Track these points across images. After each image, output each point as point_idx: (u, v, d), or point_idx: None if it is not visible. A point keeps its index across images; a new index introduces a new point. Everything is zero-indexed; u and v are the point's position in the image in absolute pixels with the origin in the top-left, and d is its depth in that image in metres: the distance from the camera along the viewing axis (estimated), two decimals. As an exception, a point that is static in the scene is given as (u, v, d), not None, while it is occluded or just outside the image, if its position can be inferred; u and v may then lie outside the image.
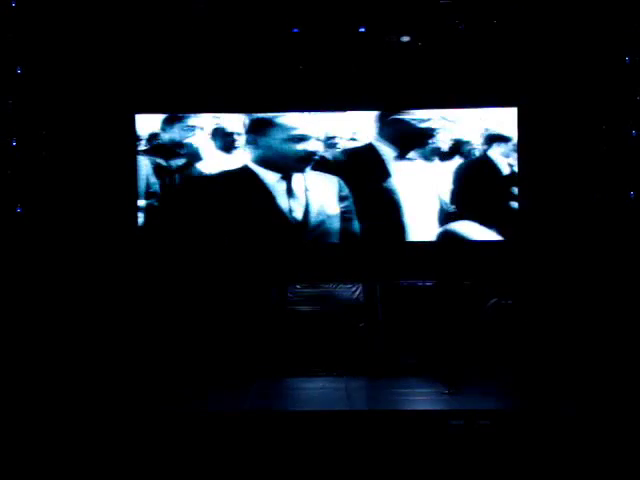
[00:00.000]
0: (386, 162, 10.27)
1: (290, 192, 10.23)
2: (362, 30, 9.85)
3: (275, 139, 10.25)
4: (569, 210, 10.01)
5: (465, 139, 10.20)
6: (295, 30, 9.86)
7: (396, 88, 10.14)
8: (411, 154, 10.24)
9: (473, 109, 10.20)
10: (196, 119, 10.31)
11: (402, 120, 10.26)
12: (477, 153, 10.19)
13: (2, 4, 9.27)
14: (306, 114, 10.24)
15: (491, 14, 9.72)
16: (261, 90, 10.21)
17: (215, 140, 10.32)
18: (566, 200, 10.04)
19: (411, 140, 10.27)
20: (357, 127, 10.31)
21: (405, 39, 9.88)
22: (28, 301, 9.37)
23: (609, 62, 9.70)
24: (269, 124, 10.27)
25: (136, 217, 10.22)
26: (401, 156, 10.25)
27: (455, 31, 9.76)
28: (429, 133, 10.22)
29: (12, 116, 9.51)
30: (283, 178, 10.23)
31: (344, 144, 10.27)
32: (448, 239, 10.23)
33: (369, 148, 10.28)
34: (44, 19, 9.55)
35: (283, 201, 10.24)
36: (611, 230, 9.69)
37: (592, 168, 9.90)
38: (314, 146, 10.21)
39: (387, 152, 10.26)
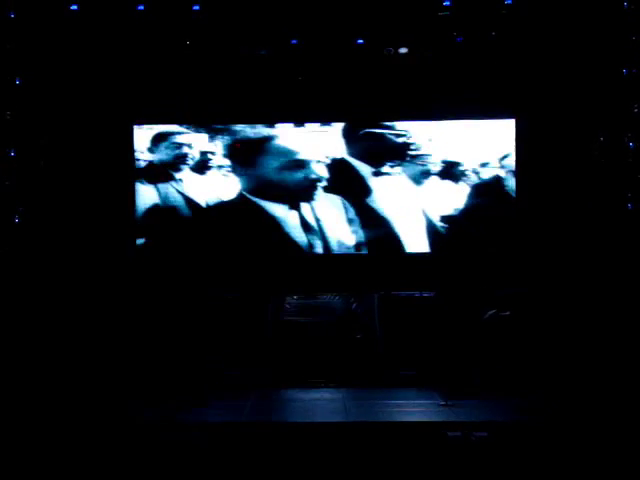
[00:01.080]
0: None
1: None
2: (360, 42, 9.88)
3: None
4: (568, 221, 10.02)
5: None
6: (294, 42, 9.89)
7: (394, 100, 10.17)
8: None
9: (471, 121, 10.23)
10: (182, 137, 10.28)
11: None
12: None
13: (1, 15, 9.31)
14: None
15: (489, 26, 9.75)
16: (260, 101, 10.23)
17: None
18: (565, 211, 10.05)
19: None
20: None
21: (403, 51, 9.91)
22: (22, 308, 9.40)
23: (606, 74, 9.72)
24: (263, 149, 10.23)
25: (134, 225, 10.27)
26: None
27: (453, 43, 9.80)
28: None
29: (11, 126, 9.54)
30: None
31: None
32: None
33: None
34: (43, 30, 9.57)
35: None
36: (610, 242, 9.70)
37: (590, 180, 9.93)
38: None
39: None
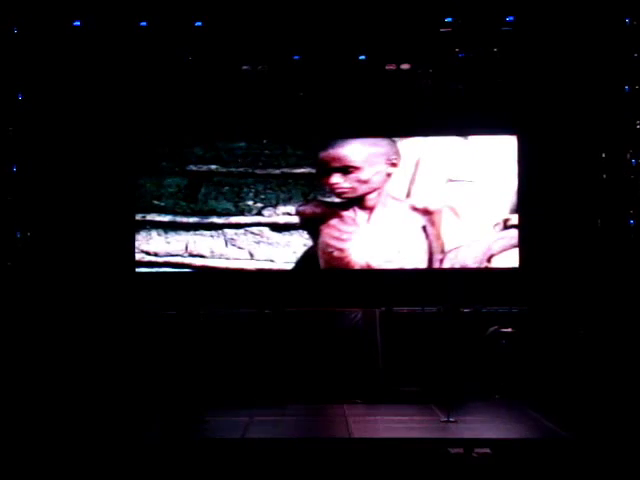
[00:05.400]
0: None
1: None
2: (362, 58, 9.91)
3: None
4: (569, 238, 10.02)
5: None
6: (296, 57, 9.93)
7: (396, 115, 10.20)
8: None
9: (473, 137, 10.26)
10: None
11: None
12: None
13: (4, 30, 9.35)
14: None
15: (491, 42, 9.78)
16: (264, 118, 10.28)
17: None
18: (566, 228, 10.05)
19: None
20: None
21: (405, 67, 9.95)
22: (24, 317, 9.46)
23: (609, 91, 9.74)
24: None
25: (133, 233, 10.32)
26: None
27: (455, 59, 9.83)
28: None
29: (13, 142, 9.57)
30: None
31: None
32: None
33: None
34: (45, 45, 9.60)
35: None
36: (612, 258, 9.68)
37: (591, 196, 9.93)
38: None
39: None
